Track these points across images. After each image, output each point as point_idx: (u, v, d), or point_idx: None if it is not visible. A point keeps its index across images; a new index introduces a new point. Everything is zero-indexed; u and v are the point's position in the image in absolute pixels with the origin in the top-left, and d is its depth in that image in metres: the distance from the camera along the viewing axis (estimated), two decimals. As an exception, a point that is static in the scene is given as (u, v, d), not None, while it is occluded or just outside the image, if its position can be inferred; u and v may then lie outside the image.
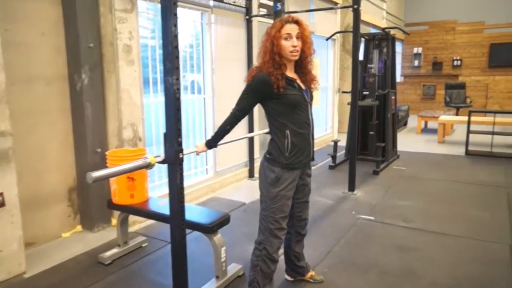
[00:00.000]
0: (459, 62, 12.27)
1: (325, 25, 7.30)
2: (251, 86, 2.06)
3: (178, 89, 1.88)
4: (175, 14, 1.81)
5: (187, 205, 2.06)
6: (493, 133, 6.59)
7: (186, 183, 4.48)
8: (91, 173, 1.63)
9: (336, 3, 7.31)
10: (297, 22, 2.05)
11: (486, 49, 11.88)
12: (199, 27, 4.58)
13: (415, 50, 12.85)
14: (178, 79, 1.87)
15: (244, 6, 4.99)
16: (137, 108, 3.61)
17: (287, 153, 2.11)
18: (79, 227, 3.56)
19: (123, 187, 2.81)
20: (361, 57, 6.17)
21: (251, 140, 5.32)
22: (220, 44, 4.77)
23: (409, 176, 5.40)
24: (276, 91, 2.01)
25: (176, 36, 1.82)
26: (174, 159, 1.93)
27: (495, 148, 6.62)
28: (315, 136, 7.55)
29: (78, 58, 3.26)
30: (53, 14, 3.21)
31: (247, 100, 2.11)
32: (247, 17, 5.07)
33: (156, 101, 3.98)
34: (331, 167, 5.83)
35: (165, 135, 1.93)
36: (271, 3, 5.32)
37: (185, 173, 4.53)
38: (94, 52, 3.34)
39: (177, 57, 1.84)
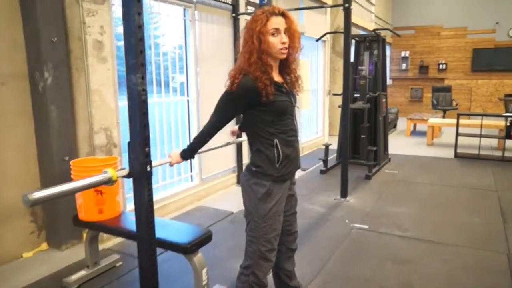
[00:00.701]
0: (444, 66, 12.37)
1: (314, 26, 7.06)
2: (235, 94, 1.74)
3: (144, 90, 1.56)
4: (139, 1, 1.49)
5: (162, 220, 1.76)
6: (480, 135, 6.49)
7: (169, 192, 4.20)
8: (29, 194, 1.28)
9: (325, 3, 7.09)
10: (283, 14, 1.78)
11: (469, 53, 12.05)
12: (182, 25, 4.26)
13: (403, 53, 12.83)
14: (143, 78, 1.54)
15: (230, 3, 4.69)
16: (111, 111, 3.26)
17: (278, 164, 1.82)
18: (44, 245, 3.17)
19: (90, 201, 2.46)
20: (352, 59, 5.95)
21: (239, 145, 5.00)
22: (205, 43, 4.45)
23: (401, 180, 5.20)
24: (264, 99, 1.73)
25: (140, 27, 1.50)
26: (140, 173, 1.60)
27: (482, 151, 6.52)
28: (306, 139, 7.37)
29: (39, 54, 2.89)
30: (7, 3, 2.84)
31: (230, 111, 1.82)
32: (233, 14, 4.76)
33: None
34: (322, 172, 5.56)
35: (129, 144, 1.61)
36: (258, 1, 5.06)
37: (167, 181, 4.21)
38: (58, 48, 2.97)
39: (142, 52, 1.52)
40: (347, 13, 4.04)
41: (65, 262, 2.93)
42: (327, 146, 5.53)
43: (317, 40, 5.66)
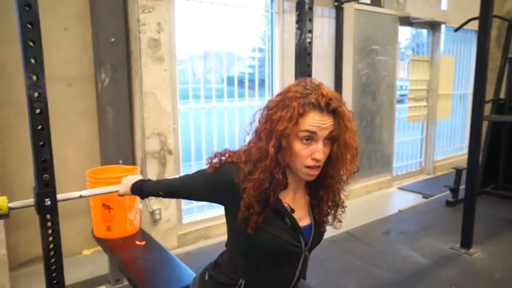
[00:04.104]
0: None
1: (465, 12, 5.51)
2: (209, 179, 1.13)
3: (42, 95, 1.14)
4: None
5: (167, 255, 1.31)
6: None
7: (208, 214, 3.45)
8: None
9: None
10: (334, 111, 1.03)
11: None
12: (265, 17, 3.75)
13: None
14: (40, 79, 1.12)
15: (332, -11, 3.96)
16: (166, 115, 3.02)
17: None
18: (100, 246, 3.17)
19: (99, 216, 2.23)
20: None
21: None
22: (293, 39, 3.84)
23: None
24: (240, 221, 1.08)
25: (29, 6, 1.08)
26: (39, 207, 1.20)
27: None
28: (442, 157, 5.88)
29: (99, 55, 2.84)
30: (79, 5, 2.86)
31: (198, 190, 1.20)
32: (336, 3, 3.99)
33: (198, 107, 3.33)
34: (449, 204, 4.23)
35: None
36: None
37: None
38: (117, 48, 2.87)
39: (36, 44, 1.10)
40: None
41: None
42: (458, 170, 4.17)
43: (456, 29, 4.29)
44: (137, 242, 2.20)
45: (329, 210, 1.17)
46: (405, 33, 5.26)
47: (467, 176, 3.15)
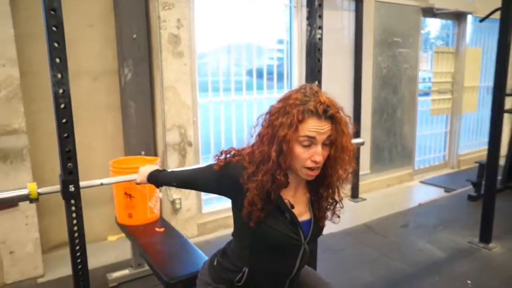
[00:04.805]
0: None
1: (493, 2, 5.33)
2: (215, 175, 1.22)
3: (66, 92, 1.25)
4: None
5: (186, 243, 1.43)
6: None
7: (226, 205, 3.46)
8: None
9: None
10: (332, 117, 1.09)
11: None
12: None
13: None
14: (64, 77, 1.23)
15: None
16: (186, 108, 3.13)
17: (239, 283, 1.27)
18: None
19: (121, 204, 2.36)
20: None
21: (356, 150, 4.22)
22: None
23: None
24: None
25: (54, 10, 1.18)
26: (64, 193, 1.32)
27: None
28: (466, 151, 5.73)
29: (122, 51, 2.97)
30: (103, 3, 3.00)
31: (206, 185, 1.32)
32: (356, -5, 3.97)
33: (218, 100, 3.43)
34: (471, 198, 4.17)
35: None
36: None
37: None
38: (139, 44, 3.00)
39: (60, 44, 1.21)
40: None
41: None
42: (481, 164, 4.09)
43: (481, 20, 4.15)
44: (157, 229, 2.33)
45: (328, 206, 1.24)
46: (428, 24, 5.15)
47: (486, 170, 3.11)
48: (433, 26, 5.26)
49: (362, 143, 2.24)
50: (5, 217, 2.54)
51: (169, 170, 1.52)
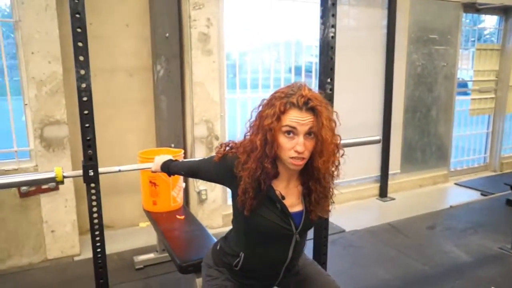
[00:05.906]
0: None
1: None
2: (215, 166, 1.36)
3: (87, 86, 1.41)
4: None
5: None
6: None
7: None
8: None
9: None
10: (313, 109, 1.16)
11: None
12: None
13: None
14: (86, 73, 1.39)
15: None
16: (213, 103, 3.27)
17: (236, 268, 1.38)
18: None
19: (147, 192, 2.54)
20: None
21: (385, 148, 4.17)
22: (342, 32, 3.84)
23: None
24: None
25: (78, 13, 1.33)
26: (84, 177, 1.48)
27: None
28: (509, 153, 5.38)
29: (155, 49, 3.16)
30: (138, 4, 3.20)
31: (208, 175, 1.46)
32: (389, -8, 3.90)
33: (245, 96, 3.54)
34: (509, 203, 3.97)
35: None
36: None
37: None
38: (171, 42, 3.17)
39: (84, 44, 1.36)
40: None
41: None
42: (521, 168, 3.88)
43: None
44: (178, 216, 2.49)
45: (317, 200, 1.28)
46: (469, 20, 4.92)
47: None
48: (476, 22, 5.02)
49: (378, 141, 2.24)
50: (48, 199, 2.81)
51: (180, 160, 1.65)
